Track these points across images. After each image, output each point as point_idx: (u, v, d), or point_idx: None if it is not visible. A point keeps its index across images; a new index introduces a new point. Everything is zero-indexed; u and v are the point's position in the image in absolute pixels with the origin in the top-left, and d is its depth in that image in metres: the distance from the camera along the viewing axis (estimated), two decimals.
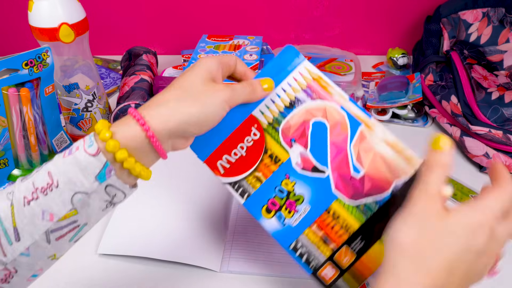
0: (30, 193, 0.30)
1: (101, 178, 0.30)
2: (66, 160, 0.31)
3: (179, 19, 0.94)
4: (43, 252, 0.31)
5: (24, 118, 0.56)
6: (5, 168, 0.58)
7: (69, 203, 0.30)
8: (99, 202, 0.32)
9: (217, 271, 0.47)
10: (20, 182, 0.31)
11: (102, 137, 0.30)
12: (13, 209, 0.30)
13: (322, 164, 0.38)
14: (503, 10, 0.74)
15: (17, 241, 0.30)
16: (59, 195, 0.30)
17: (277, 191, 0.39)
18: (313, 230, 0.38)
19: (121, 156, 0.30)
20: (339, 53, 0.95)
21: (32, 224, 0.30)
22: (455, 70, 0.70)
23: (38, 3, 0.54)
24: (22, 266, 0.31)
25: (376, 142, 0.38)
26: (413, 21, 0.93)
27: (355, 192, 0.38)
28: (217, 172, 0.40)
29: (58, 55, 0.59)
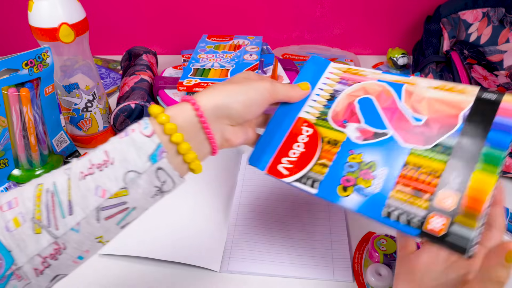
0: (87, 168, 0.31)
1: (154, 158, 0.32)
2: (122, 140, 0.32)
3: (179, 19, 0.94)
4: (91, 231, 0.32)
5: (24, 118, 0.56)
6: (5, 168, 0.58)
7: (121, 181, 0.31)
8: (148, 186, 0.32)
9: (217, 271, 0.47)
10: (77, 160, 0.33)
11: (159, 120, 0.32)
12: (69, 183, 0.31)
13: (382, 128, 0.39)
14: (503, 10, 0.74)
15: (69, 214, 0.31)
16: (113, 171, 0.31)
17: (347, 168, 0.38)
18: (398, 189, 0.35)
19: (177, 139, 0.32)
20: (339, 53, 0.95)
21: (85, 198, 0.31)
22: (455, 70, 0.70)
23: (38, 3, 0.54)
24: (70, 243, 0.31)
25: (424, 91, 0.39)
26: (413, 21, 0.93)
27: (426, 137, 0.37)
28: (281, 175, 0.39)
29: (58, 55, 0.59)
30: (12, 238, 0.30)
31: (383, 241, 0.48)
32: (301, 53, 0.95)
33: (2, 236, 0.30)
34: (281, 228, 0.52)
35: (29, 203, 0.31)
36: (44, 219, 0.30)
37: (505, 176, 0.62)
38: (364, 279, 0.46)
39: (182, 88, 0.64)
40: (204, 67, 0.69)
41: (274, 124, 0.42)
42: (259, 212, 0.55)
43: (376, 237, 0.48)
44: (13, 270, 0.30)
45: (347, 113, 0.41)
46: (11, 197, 0.31)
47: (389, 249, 0.47)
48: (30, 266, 0.30)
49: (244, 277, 0.47)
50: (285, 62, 0.77)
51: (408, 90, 0.40)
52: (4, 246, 0.30)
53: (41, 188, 0.31)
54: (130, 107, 0.66)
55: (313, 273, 0.47)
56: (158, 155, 0.32)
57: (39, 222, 0.30)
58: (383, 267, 0.46)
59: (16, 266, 0.30)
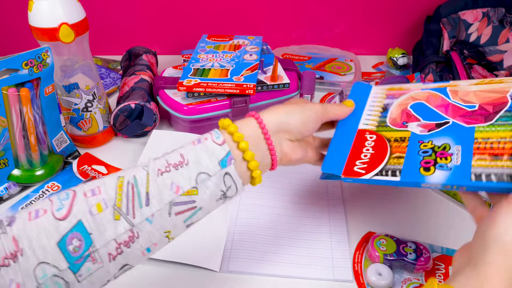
0: (164, 166, 0.36)
1: (223, 164, 0.36)
2: (196, 146, 0.37)
3: (179, 19, 0.94)
4: (162, 224, 0.34)
5: (24, 118, 0.56)
6: (5, 168, 0.58)
7: (193, 180, 0.35)
8: (215, 189, 0.36)
9: (217, 271, 0.47)
10: (153, 160, 0.37)
11: (229, 130, 0.38)
12: (148, 177, 0.35)
13: (442, 119, 0.44)
14: (503, 10, 0.74)
15: (146, 205, 0.34)
16: (188, 171, 0.35)
17: (421, 154, 0.42)
18: (477, 158, 0.38)
19: (243, 147, 0.37)
20: (339, 53, 0.95)
21: (161, 192, 0.34)
22: (455, 70, 0.70)
23: (38, 3, 0.54)
24: (143, 233, 0.34)
25: (467, 88, 0.46)
26: (413, 21, 0.93)
27: (485, 116, 0.42)
28: (359, 174, 0.43)
29: (58, 55, 0.59)
30: (94, 222, 0.32)
31: (383, 241, 0.48)
32: (301, 53, 0.95)
33: (85, 219, 0.32)
34: (281, 228, 0.52)
35: (111, 191, 0.34)
36: (123, 207, 0.33)
37: None
38: (364, 279, 0.46)
39: (182, 88, 0.64)
40: (204, 67, 0.69)
41: (338, 139, 0.48)
42: (259, 212, 0.55)
43: (376, 237, 0.48)
44: (90, 252, 0.32)
45: (404, 117, 0.47)
46: (94, 186, 0.34)
47: (389, 249, 0.47)
48: (105, 250, 0.33)
49: (244, 277, 0.47)
50: (285, 62, 0.77)
51: (452, 90, 0.47)
52: (85, 228, 0.32)
53: (122, 179, 0.35)
54: (130, 107, 0.66)
55: (313, 273, 0.47)
56: (227, 161, 0.36)
57: (119, 209, 0.33)
58: (383, 267, 0.46)
59: (93, 248, 0.32)
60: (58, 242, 0.31)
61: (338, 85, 0.84)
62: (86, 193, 0.34)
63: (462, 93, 0.46)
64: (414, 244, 0.48)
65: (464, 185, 0.37)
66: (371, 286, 0.45)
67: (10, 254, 0.30)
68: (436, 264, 0.47)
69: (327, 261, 0.48)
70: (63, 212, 0.32)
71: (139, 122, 0.67)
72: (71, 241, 0.32)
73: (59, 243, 0.31)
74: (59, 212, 0.32)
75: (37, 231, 0.31)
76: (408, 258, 0.46)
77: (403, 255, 0.46)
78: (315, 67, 0.89)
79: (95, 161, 0.65)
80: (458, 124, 0.42)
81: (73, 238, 0.32)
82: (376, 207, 0.56)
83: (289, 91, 0.71)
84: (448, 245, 0.50)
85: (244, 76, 0.66)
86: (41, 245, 0.31)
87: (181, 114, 0.66)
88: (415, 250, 0.47)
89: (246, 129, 0.39)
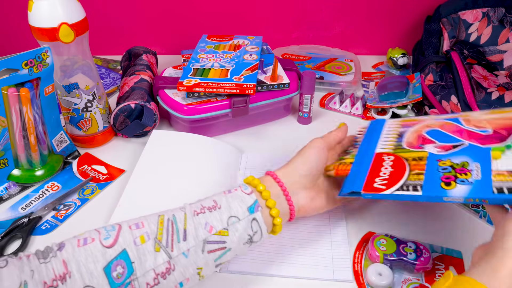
0: (199, 208, 0.40)
1: (251, 210, 0.41)
2: (228, 195, 0.42)
3: (179, 19, 0.94)
4: (196, 260, 0.38)
5: (24, 118, 0.56)
6: (5, 168, 0.58)
7: (225, 222, 0.40)
8: (243, 232, 0.40)
9: (218, 271, 0.47)
10: (189, 204, 0.41)
11: (253, 183, 0.44)
12: (185, 216, 0.39)
13: (457, 141, 0.45)
14: (503, 10, 0.74)
15: (183, 240, 0.38)
16: (220, 214, 0.40)
17: (441, 170, 0.42)
18: (497, 175, 0.38)
19: (266, 195, 0.43)
20: (339, 53, 0.95)
21: (196, 230, 0.39)
22: (455, 70, 0.70)
23: (38, 3, 0.54)
24: (178, 267, 0.37)
25: (479, 117, 0.48)
26: (413, 21, 0.93)
27: (499, 138, 0.43)
28: (379, 190, 0.43)
29: (58, 55, 0.59)
30: (137, 252, 0.36)
31: (383, 241, 0.48)
32: (301, 53, 0.95)
33: (130, 248, 0.36)
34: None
35: (153, 226, 0.38)
36: (163, 240, 0.37)
37: None
38: (364, 279, 0.46)
39: (182, 88, 0.64)
40: (204, 67, 0.69)
41: (356, 163, 0.48)
42: None
43: (376, 237, 0.48)
44: (131, 280, 0.35)
45: (420, 140, 0.48)
46: (138, 220, 0.39)
47: (389, 249, 0.47)
48: (144, 279, 0.35)
49: (244, 277, 0.47)
50: (285, 62, 0.77)
51: (465, 119, 0.48)
52: (129, 257, 0.35)
53: (163, 217, 0.39)
54: (130, 107, 0.66)
55: (313, 273, 0.47)
56: (254, 208, 0.41)
57: (159, 242, 0.37)
58: (383, 267, 0.46)
59: (134, 276, 0.35)
60: (104, 267, 0.34)
61: (338, 85, 0.83)
62: (131, 226, 0.37)
63: (474, 122, 0.47)
64: (414, 244, 0.47)
65: (487, 198, 0.37)
66: (371, 286, 0.45)
67: (59, 276, 0.33)
68: (436, 264, 0.47)
69: (327, 261, 0.48)
70: (110, 241, 0.36)
71: (139, 122, 0.67)
72: (115, 267, 0.34)
73: (105, 268, 0.34)
74: (106, 240, 0.36)
75: (85, 256, 0.34)
76: (408, 258, 0.46)
77: (403, 255, 0.46)
78: (315, 67, 0.89)
79: (95, 161, 0.65)
80: (475, 145, 0.43)
81: (117, 265, 0.35)
82: (376, 207, 0.56)
83: (289, 91, 0.71)
84: (448, 245, 0.50)
85: (244, 76, 0.66)
86: (88, 269, 0.34)
87: (181, 114, 0.66)
88: (415, 250, 0.47)
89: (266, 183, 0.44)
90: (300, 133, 0.72)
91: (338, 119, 0.76)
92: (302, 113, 0.73)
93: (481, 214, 0.55)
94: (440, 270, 0.47)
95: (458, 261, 0.48)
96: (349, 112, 0.77)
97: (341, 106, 0.78)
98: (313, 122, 0.75)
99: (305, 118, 0.74)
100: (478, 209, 0.56)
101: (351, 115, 0.77)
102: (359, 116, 0.76)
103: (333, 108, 0.79)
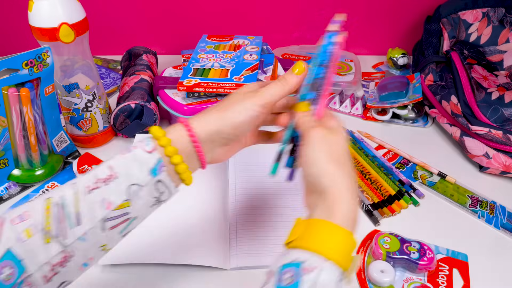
0: (93, 183, 0.34)
1: (154, 172, 0.35)
2: (126, 156, 0.35)
3: (179, 19, 0.94)
4: (97, 240, 0.34)
5: (24, 118, 0.56)
6: (5, 168, 0.58)
7: (124, 193, 0.34)
8: (148, 197, 0.35)
9: (228, 269, 0.47)
10: (81, 176, 0.35)
11: (161, 142, 0.35)
12: (76, 196, 0.34)
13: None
14: (503, 10, 0.75)
15: (77, 225, 0.33)
16: (118, 185, 0.34)
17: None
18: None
19: (176, 160, 0.36)
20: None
21: (91, 210, 0.34)
22: (455, 70, 0.70)
23: (38, 3, 0.54)
24: (77, 252, 0.34)
25: None
26: (413, 21, 0.93)
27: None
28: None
29: (58, 55, 0.59)
30: (24, 248, 0.32)
31: (387, 239, 0.48)
32: (301, 53, 0.95)
33: (15, 247, 0.32)
34: (279, 220, 0.53)
35: (39, 215, 0.33)
36: (53, 230, 0.33)
37: (505, 176, 0.62)
38: (365, 275, 0.46)
39: (182, 88, 0.64)
40: (204, 67, 0.69)
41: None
42: (256, 206, 0.55)
43: (381, 235, 0.48)
44: (23, 278, 0.32)
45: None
46: (21, 211, 0.34)
47: (393, 247, 0.47)
48: (40, 273, 0.32)
49: (254, 272, 0.47)
50: (285, 62, 0.77)
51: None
52: (15, 256, 0.32)
53: (50, 201, 0.34)
54: (130, 107, 0.66)
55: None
56: (158, 169, 0.35)
57: (48, 232, 0.33)
58: (385, 264, 0.46)
59: (26, 274, 0.32)
60: None
61: (338, 85, 0.83)
62: (13, 220, 0.33)
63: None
64: (418, 244, 0.47)
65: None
66: (373, 282, 0.45)
67: None
68: (440, 266, 0.47)
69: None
70: None
71: (139, 122, 0.67)
72: (2, 270, 0.31)
73: None
74: None
75: None
76: (411, 257, 0.46)
77: (406, 254, 0.46)
78: None
79: (95, 161, 0.65)
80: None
81: (4, 267, 0.31)
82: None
83: None
84: (454, 248, 0.50)
85: (244, 76, 0.66)
86: None
87: (181, 114, 0.66)
88: (418, 250, 0.47)
89: (174, 134, 0.37)
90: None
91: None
92: None
93: (479, 214, 0.55)
94: (443, 271, 0.47)
95: (463, 264, 0.48)
96: (349, 112, 0.77)
97: (341, 106, 0.78)
98: None
99: None
100: (476, 209, 0.56)
101: (351, 115, 0.77)
102: (359, 116, 0.76)
103: (333, 108, 0.79)
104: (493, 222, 0.54)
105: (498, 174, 0.62)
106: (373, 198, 0.57)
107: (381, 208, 0.55)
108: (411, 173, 0.62)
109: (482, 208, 0.56)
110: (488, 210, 0.56)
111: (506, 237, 0.52)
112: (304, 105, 0.41)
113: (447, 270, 0.47)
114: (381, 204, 0.56)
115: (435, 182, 0.61)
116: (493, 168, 0.61)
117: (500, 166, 0.60)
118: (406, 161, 0.65)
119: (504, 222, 0.54)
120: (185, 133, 0.37)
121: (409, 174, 0.62)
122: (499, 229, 0.53)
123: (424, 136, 0.71)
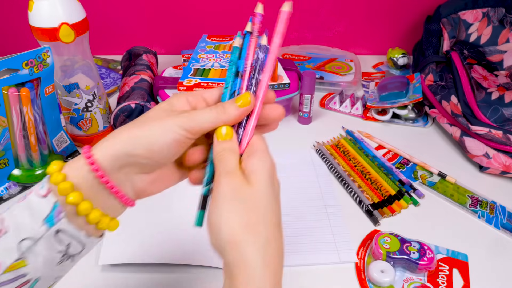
0: None
1: (50, 221, 0.28)
2: (19, 205, 0.29)
3: (179, 19, 0.94)
4: None
5: (24, 118, 0.56)
6: (5, 168, 0.58)
7: (15, 251, 0.28)
8: (50, 252, 0.28)
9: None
10: None
11: (53, 180, 0.28)
12: None
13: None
14: (503, 10, 0.75)
15: None
16: (7, 242, 0.28)
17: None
18: None
19: (74, 200, 0.28)
20: (339, 53, 0.95)
21: None
22: (455, 70, 0.70)
23: (38, 3, 0.54)
24: None
25: None
26: (413, 21, 0.93)
27: None
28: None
29: (58, 55, 0.59)
30: None
31: (387, 239, 0.48)
32: (301, 53, 0.95)
33: None
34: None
35: None
36: None
37: (505, 176, 0.62)
38: (365, 275, 0.46)
39: (182, 88, 0.64)
40: (204, 67, 0.69)
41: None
42: None
43: (381, 235, 0.48)
44: None
45: None
46: None
47: (393, 247, 0.47)
48: None
49: None
50: (285, 62, 0.77)
51: None
52: None
53: None
54: (130, 107, 0.66)
55: (320, 259, 0.48)
56: (55, 216, 0.28)
57: None
58: (385, 264, 0.46)
59: None
60: None
61: (338, 85, 0.83)
62: None
63: None
64: (418, 244, 0.48)
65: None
66: (373, 282, 0.45)
67: None
68: (440, 266, 0.47)
69: (331, 246, 0.50)
70: None
71: None
72: None
73: None
74: None
75: None
76: (411, 257, 0.46)
77: (406, 254, 0.46)
78: (315, 67, 0.89)
79: None
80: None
81: None
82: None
83: (289, 91, 0.71)
84: (454, 248, 0.50)
85: None
86: None
87: None
88: (419, 250, 0.47)
89: (74, 172, 0.29)
90: (300, 133, 0.72)
91: (338, 119, 0.76)
92: (302, 113, 0.73)
93: (479, 214, 0.55)
94: (443, 271, 0.47)
95: (463, 264, 0.48)
96: (349, 112, 0.77)
97: (341, 106, 0.78)
98: (313, 122, 0.75)
99: (305, 118, 0.74)
100: (476, 209, 0.56)
101: (351, 115, 0.77)
102: (359, 116, 0.76)
103: (333, 108, 0.79)
104: (493, 222, 0.54)
105: (498, 174, 0.62)
106: (373, 198, 0.57)
107: (381, 208, 0.55)
108: (411, 173, 0.62)
109: (482, 208, 0.56)
110: (488, 210, 0.56)
111: (506, 237, 0.52)
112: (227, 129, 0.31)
113: (447, 270, 0.47)
114: (381, 204, 0.56)
115: (435, 182, 0.61)
116: (493, 168, 0.61)
117: (500, 166, 0.60)
118: (406, 161, 0.65)
119: (504, 222, 0.54)
120: (83, 162, 0.28)
121: (409, 174, 0.62)
122: (499, 229, 0.53)
123: (424, 136, 0.71)
